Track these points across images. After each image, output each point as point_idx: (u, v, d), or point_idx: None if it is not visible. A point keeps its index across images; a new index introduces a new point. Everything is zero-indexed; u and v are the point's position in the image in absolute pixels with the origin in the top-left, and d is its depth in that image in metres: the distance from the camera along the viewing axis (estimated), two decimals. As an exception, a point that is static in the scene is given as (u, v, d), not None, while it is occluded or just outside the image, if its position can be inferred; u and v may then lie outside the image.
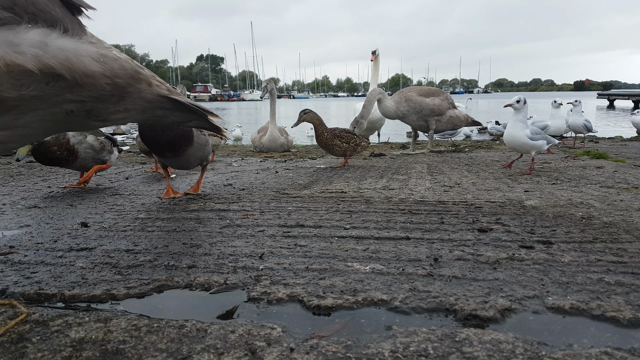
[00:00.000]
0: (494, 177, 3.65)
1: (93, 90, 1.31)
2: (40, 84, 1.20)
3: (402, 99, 5.87)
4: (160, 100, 1.52)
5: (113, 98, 1.38)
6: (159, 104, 1.52)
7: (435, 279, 1.48)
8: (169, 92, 1.54)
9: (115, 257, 1.75)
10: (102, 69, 1.31)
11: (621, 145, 6.58)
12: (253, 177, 3.96)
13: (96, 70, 1.29)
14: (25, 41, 1.16)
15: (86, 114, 1.37)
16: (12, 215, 2.53)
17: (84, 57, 1.27)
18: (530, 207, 2.49)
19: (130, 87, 1.41)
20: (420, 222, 2.19)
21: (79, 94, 1.30)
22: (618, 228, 2.02)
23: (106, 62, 1.32)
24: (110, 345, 1.09)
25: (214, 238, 1.99)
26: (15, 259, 1.73)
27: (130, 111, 1.47)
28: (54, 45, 1.22)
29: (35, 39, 1.18)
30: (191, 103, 1.61)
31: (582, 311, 1.24)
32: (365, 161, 5.11)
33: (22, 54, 1.15)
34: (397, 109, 5.89)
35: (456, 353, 1.03)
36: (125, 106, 1.44)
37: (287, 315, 1.26)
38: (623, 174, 3.61)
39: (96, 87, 1.31)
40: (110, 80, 1.34)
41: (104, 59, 1.32)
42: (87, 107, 1.34)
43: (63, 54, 1.23)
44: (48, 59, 1.19)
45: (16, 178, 4.02)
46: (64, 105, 1.30)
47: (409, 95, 5.86)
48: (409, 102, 5.83)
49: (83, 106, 1.33)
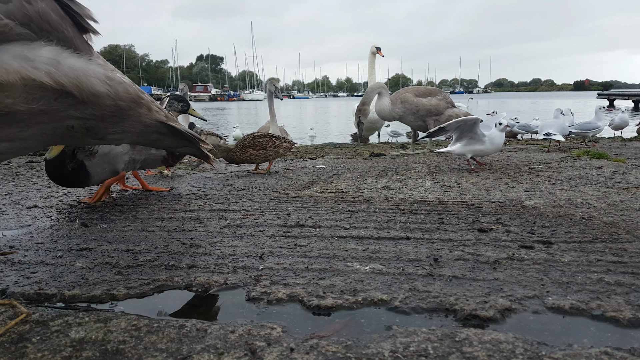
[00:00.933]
0: (494, 177, 3.65)
1: (97, 109, 1.37)
2: (49, 99, 1.26)
3: (397, 100, 5.85)
4: (157, 126, 1.58)
5: (114, 119, 1.44)
6: (156, 129, 1.59)
7: (435, 279, 1.48)
8: (166, 118, 1.61)
9: (115, 257, 1.75)
10: (108, 91, 1.37)
11: (621, 145, 6.58)
12: (253, 176, 3.96)
13: (102, 91, 1.35)
14: (39, 57, 1.22)
15: (86, 131, 1.42)
16: (12, 215, 2.53)
17: (92, 77, 1.32)
18: (530, 207, 2.49)
19: (131, 110, 1.47)
20: (420, 222, 2.19)
21: (83, 112, 1.35)
22: (618, 228, 2.02)
23: (112, 84, 1.38)
24: (110, 345, 1.09)
25: (213, 238, 1.99)
26: (15, 259, 1.73)
27: (127, 133, 1.53)
28: (65, 64, 1.27)
29: (49, 56, 1.25)
30: (187, 131, 1.68)
31: (582, 311, 1.24)
32: (365, 161, 5.11)
33: (37, 70, 1.21)
34: (392, 110, 5.85)
35: (456, 353, 1.03)
36: (123, 128, 1.50)
37: (287, 315, 1.26)
38: (623, 174, 3.61)
39: (100, 106, 1.37)
40: (114, 102, 1.39)
41: (110, 81, 1.38)
42: (87, 125, 1.40)
43: (74, 73, 1.29)
44: (60, 77, 1.24)
45: (16, 178, 4.02)
46: (67, 121, 1.35)
47: (405, 97, 5.84)
48: (404, 104, 5.81)
49: (84, 123, 1.39)
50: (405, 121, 6.02)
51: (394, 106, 5.84)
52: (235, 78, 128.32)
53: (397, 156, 5.61)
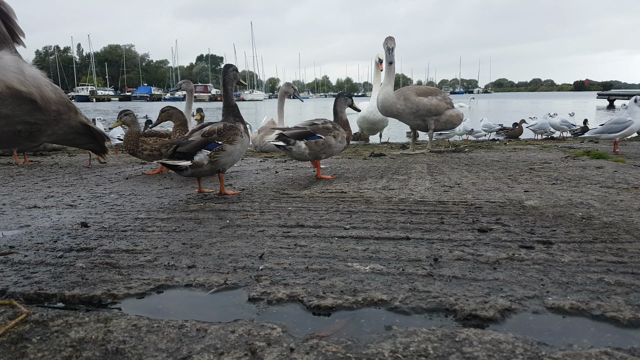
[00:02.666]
0: (494, 177, 3.65)
1: (46, 114, 1.47)
2: (15, 106, 1.33)
3: (400, 97, 5.83)
4: (79, 127, 1.73)
5: (53, 122, 1.55)
6: (76, 130, 1.74)
7: (435, 279, 1.48)
8: (86, 120, 1.79)
9: (115, 257, 1.75)
10: (56, 97, 1.48)
11: (621, 145, 6.58)
12: (253, 177, 3.96)
13: (53, 97, 1.46)
14: (9, 67, 1.31)
15: (28, 134, 1.51)
16: (12, 215, 2.53)
17: (45, 85, 1.42)
18: (530, 207, 2.49)
19: (65, 114, 1.59)
20: (420, 222, 2.19)
21: (35, 117, 1.44)
22: (618, 228, 2.02)
23: (56, 91, 1.50)
24: (110, 345, 1.09)
25: (213, 238, 1.99)
26: (15, 259, 1.73)
27: (55, 134, 1.65)
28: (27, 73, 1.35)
29: (14, 65, 1.33)
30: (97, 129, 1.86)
31: (582, 311, 1.24)
32: (365, 161, 5.10)
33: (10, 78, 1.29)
34: (394, 103, 5.77)
35: (456, 353, 1.03)
36: (54, 129, 1.61)
37: (287, 315, 1.26)
38: (623, 174, 3.61)
39: (49, 112, 1.47)
40: (57, 107, 1.51)
41: (54, 87, 1.49)
42: (33, 129, 1.49)
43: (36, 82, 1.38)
44: (28, 85, 1.33)
45: (16, 178, 4.02)
46: (18, 126, 1.43)
47: (407, 94, 5.82)
48: (406, 101, 5.78)
49: (31, 127, 1.48)
50: (404, 119, 5.98)
51: (397, 100, 5.79)
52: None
53: (397, 156, 5.61)
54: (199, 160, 2.75)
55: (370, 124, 8.24)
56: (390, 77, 5.86)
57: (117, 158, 5.79)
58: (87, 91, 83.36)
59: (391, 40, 5.86)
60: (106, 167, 4.90)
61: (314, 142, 3.54)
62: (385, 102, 5.82)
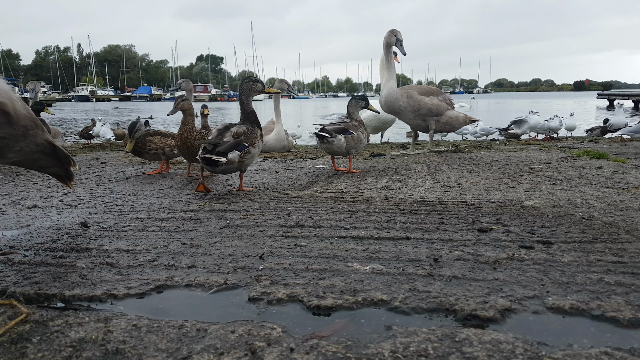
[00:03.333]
0: (494, 177, 3.65)
1: (16, 129, 1.48)
2: None
3: (404, 94, 5.81)
4: (45, 145, 1.73)
5: (21, 137, 1.56)
6: (42, 148, 1.73)
7: (435, 279, 1.48)
8: (52, 140, 1.79)
9: (115, 257, 1.75)
10: (26, 112, 1.49)
11: (621, 145, 6.58)
12: (253, 177, 3.96)
13: (24, 113, 1.47)
14: None
15: None
16: (12, 215, 2.53)
17: (17, 100, 1.43)
18: (530, 207, 2.49)
19: (32, 130, 1.60)
20: (420, 222, 2.19)
21: (5, 131, 1.45)
22: (618, 228, 2.02)
23: (25, 107, 1.50)
24: (110, 345, 1.09)
25: (213, 238, 1.99)
26: (15, 259, 1.73)
27: (22, 151, 1.65)
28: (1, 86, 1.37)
29: None
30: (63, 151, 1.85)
31: (582, 311, 1.24)
32: (365, 161, 5.10)
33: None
34: (398, 99, 5.75)
35: (456, 353, 1.03)
36: (21, 146, 1.61)
37: (287, 315, 1.26)
38: (623, 174, 3.61)
39: (19, 127, 1.48)
40: (26, 122, 1.52)
41: (23, 103, 1.50)
42: (1, 144, 1.50)
43: (8, 95, 1.39)
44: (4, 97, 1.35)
45: (16, 178, 4.02)
46: None
47: (410, 93, 5.81)
48: (409, 99, 5.77)
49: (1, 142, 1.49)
50: (405, 117, 5.96)
51: (400, 97, 5.76)
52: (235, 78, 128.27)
53: (397, 156, 5.61)
54: (232, 158, 3.00)
55: (381, 122, 8.10)
56: (392, 73, 5.85)
57: (117, 158, 5.79)
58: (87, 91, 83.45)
59: (398, 32, 5.87)
60: (106, 167, 4.89)
61: (350, 137, 3.96)
62: (389, 97, 5.80)
